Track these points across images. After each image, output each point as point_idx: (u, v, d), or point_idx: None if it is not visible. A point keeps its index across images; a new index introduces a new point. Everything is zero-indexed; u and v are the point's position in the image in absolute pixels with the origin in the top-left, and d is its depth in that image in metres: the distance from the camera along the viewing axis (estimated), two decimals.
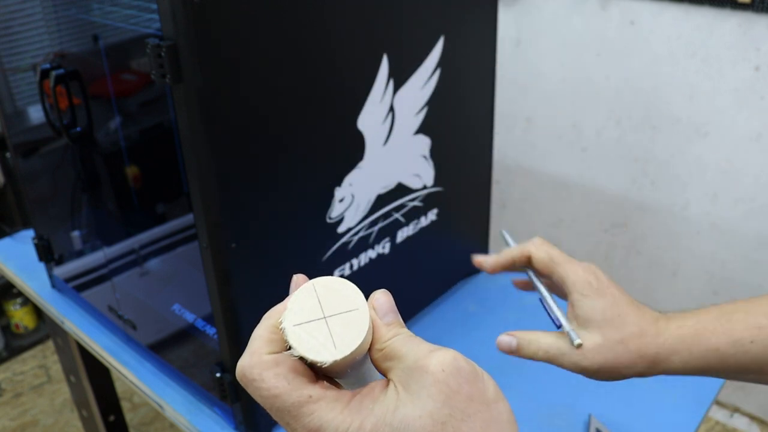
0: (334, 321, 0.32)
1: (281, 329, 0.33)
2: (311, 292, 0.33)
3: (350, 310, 0.33)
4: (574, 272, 0.57)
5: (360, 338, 0.32)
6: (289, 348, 0.33)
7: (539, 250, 0.61)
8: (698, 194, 1.55)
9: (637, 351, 0.54)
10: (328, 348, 0.32)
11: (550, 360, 0.57)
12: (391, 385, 0.33)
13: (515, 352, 0.59)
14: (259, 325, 0.35)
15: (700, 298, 1.62)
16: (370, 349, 0.34)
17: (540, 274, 0.62)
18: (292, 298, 0.34)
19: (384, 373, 0.34)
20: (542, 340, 0.57)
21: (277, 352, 0.33)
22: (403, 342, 0.34)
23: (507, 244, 0.67)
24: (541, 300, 0.60)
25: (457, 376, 0.32)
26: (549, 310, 0.59)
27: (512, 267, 0.64)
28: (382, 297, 0.35)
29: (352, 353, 0.32)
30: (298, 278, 0.36)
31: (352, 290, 0.33)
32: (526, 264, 0.62)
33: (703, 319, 0.54)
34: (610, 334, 0.55)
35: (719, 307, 0.55)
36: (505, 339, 0.59)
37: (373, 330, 0.34)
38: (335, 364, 0.32)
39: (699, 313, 0.55)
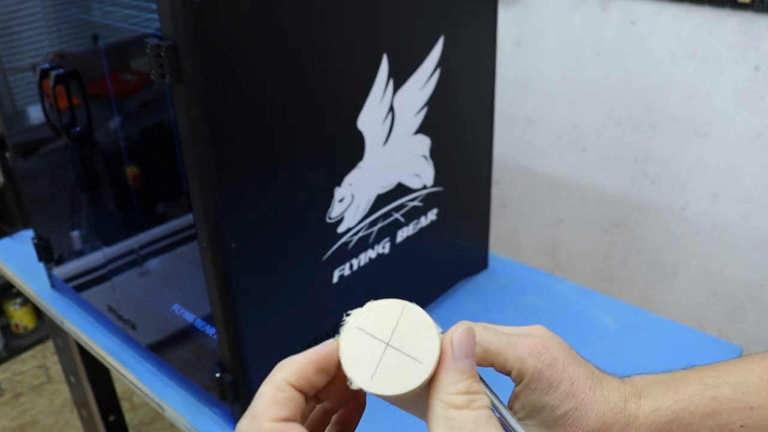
0: (393, 354, 0.30)
1: (345, 316, 0.30)
2: (396, 311, 0.31)
3: (414, 358, 0.29)
4: (517, 360, 0.42)
5: (400, 390, 0.29)
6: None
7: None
8: (698, 194, 1.55)
9: None
10: (367, 373, 0.29)
11: None
12: None
13: None
14: (268, 378, 0.31)
15: (699, 299, 1.62)
16: (430, 390, 0.30)
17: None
18: (380, 302, 0.30)
19: (429, 425, 0.29)
20: None
21: (283, 417, 0.29)
22: (473, 420, 0.29)
23: None
24: (494, 408, 0.42)
25: None
26: (506, 425, 0.43)
27: None
28: (464, 335, 0.30)
29: (383, 395, 0.29)
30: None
31: (432, 340, 0.30)
32: None
33: (682, 395, 0.43)
34: None
35: (700, 376, 0.44)
36: None
37: (441, 369, 0.30)
38: (361, 392, 0.30)
39: (677, 384, 0.44)
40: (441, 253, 1.02)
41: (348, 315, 0.30)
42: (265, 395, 0.30)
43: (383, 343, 0.29)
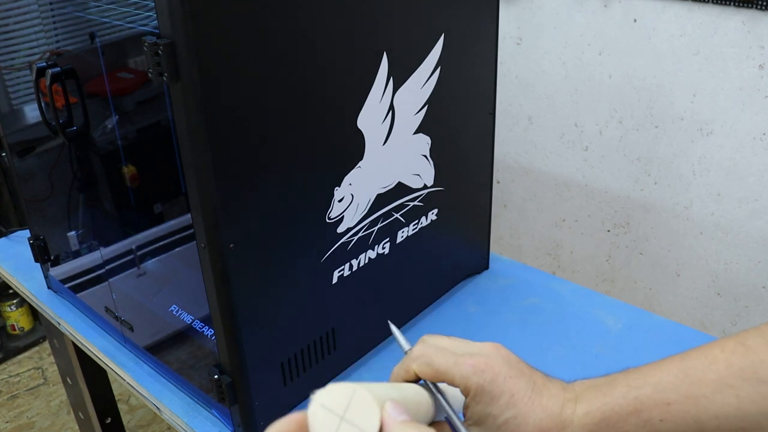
0: (346, 426, 0.37)
1: (312, 393, 0.38)
2: (349, 392, 0.38)
3: (362, 428, 0.38)
4: (462, 378, 0.49)
5: None
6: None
7: (420, 365, 0.52)
8: (701, 194, 1.54)
9: None
10: None
11: None
12: None
13: None
14: None
15: (703, 300, 1.61)
16: None
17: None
18: (337, 385, 0.38)
19: None
20: None
21: None
22: None
23: (397, 340, 0.58)
24: (447, 419, 0.51)
25: None
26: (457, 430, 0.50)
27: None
28: (390, 406, 0.39)
29: None
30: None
31: (375, 414, 0.38)
32: (416, 380, 0.54)
33: (610, 397, 0.49)
34: None
35: (627, 379, 0.50)
36: None
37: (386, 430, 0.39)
38: None
39: (606, 388, 0.50)
40: (441, 254, 1.01)
41: (314, 394, 0.38)
42: None
43: (339, 417, 0.37)
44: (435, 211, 0.95)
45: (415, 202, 0.91)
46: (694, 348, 0.49)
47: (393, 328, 0.59)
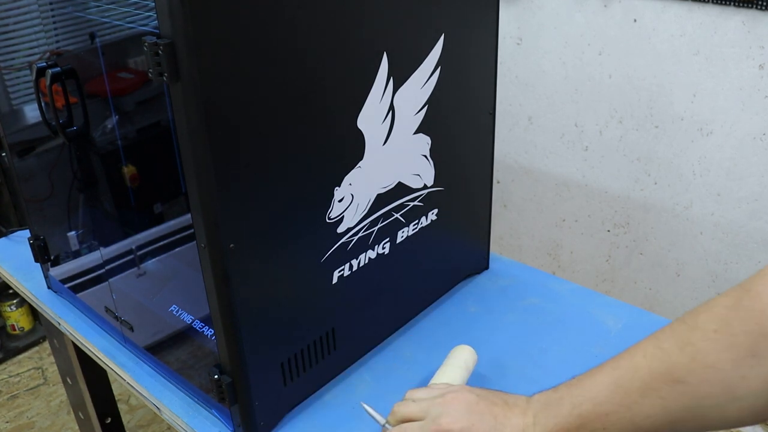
0: None
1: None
2: None
3: None
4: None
5: None
6: None
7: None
8: (702, 194, 1.54)
9: None
10: None
11: None
12: None
13: None
14: None
15: (703, 300, 1.61)
16: None
17: None
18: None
19: None
20: None
21: None
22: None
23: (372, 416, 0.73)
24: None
25: None
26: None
27: None
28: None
29: None
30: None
31: None
32: None
33: (561, 418, 0.57)
34: None
35: (571, 395, 0.58)
36: None
37: None
38: None
39: (556, 408, 0.58)
40: (441, 254, 1.01)
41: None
42: None
43: None
44: (435, 211, 0.95)
45: (415, 202, 0.91)
46: (623, 353, 0.57)
47: (366, 407, 0.74)
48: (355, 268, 0.85)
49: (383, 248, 0.89)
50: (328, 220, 0.79)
